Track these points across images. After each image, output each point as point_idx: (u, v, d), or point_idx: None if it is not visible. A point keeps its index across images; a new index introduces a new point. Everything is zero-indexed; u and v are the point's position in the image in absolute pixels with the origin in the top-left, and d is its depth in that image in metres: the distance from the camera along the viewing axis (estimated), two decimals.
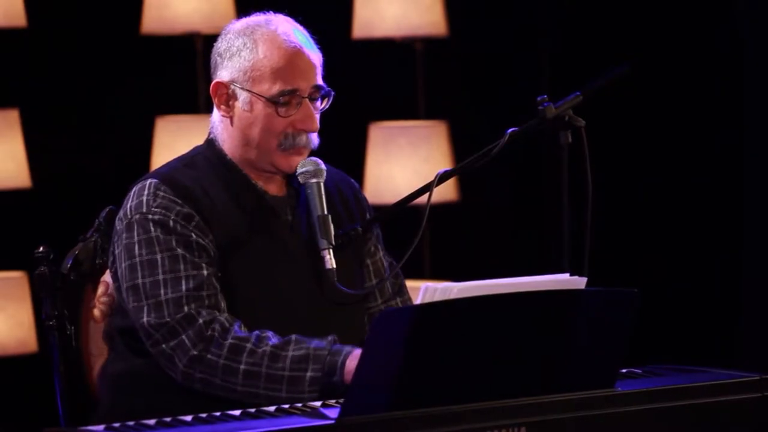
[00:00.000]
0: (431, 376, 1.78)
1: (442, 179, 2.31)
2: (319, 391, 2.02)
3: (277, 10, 2.30)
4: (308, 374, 2.03)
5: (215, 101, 2.24)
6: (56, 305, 2.33)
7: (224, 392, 2.06)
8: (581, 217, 2.39)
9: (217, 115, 2.25)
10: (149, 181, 2.20)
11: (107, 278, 2.32)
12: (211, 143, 2.26)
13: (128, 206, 2.19)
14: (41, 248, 2.32)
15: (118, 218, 2.21)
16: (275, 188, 2.26)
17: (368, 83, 4.36)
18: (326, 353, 2.03)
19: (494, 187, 4.60)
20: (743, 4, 4.23)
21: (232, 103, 2.22)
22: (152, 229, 2.14)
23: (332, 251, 2.20)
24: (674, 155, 4.38)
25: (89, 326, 2.37)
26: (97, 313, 2.33)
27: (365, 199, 2.42)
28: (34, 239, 2.48)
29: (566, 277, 1.93)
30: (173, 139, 3.98)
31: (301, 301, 2.21)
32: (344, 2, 4.22)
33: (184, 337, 2.07)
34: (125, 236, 2.17)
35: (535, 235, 4.63)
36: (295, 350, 2.05)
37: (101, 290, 2.33)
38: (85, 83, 4.31)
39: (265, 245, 2.21)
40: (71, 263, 2.34)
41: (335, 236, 2.22)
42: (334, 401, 1.92)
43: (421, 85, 4.33)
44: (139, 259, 2.14)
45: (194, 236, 2.14)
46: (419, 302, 1.79)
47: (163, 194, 2.17)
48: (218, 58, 2.24)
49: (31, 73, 4.29)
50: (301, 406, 1.91)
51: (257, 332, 2.08)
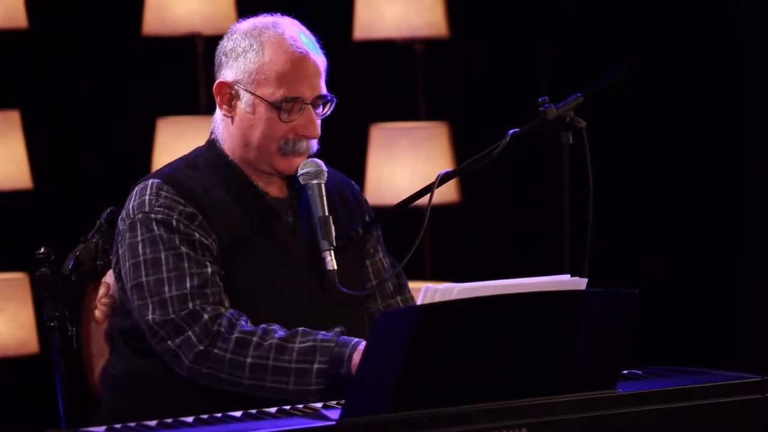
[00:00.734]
0: (432, 377, 1.78)
1: (443, 180, 2.31)
2: (326, 383, 2.02)
3: (279, 11, 2.30)
4: (315, 366, 2.02)
5: (217, 100, 2.24)
6: (57, 306, 2.33)
7: (231, 386, 2.07)
8: (582, 218, 2.39)
9: (219, 114, 2.25)
10: (151, 181, 2.20)
11: (108, 279, 2.32)
12: (212, 144, 2.26)
13: (131, 206, 2.19)
14: (42, 249, 2.33)
15: (120, 218, 2.21)
16: (276, 189, 2.26)
17: (369, 84, 4.36)
18: (333, 345, 2.03)
19: (495, 188, 4.60)
20: (743, 4, 4.23)
21: (234, 103, 2.22)
22: (155, 228, 2.15)
23: (333, 252, 2.20)
24: (674, 156, 4.38)
25: (90, 327, 2.38)
26: (98, 314, 2.33)
27: (366, 200, 2.42)
28: (35, 240, 2.48)
29: (567, 278, 1.93)
30: (174, 140, 3.98)
31: (302, 302, 2.21)
32: (345, 3, 4.22)
33: (189, 333, 2.07)
34: (129, 236, 2.17)
35: (535, 236, 4.63)
36: (301, 342, 2.05)
37: (102, 291, 2.33)
38: (86, 84, 4.32)
39: (265, 246, 2.21)
40: (72, 264, 2.34)
41: (336, 237, 2.22)
42: (335, 402, 1.92)
43: (421, 86, 4.33)
44: (143, 257, 2.14)
45: (197, 235, 2.14)
46: (420, 303, 1.79)
47: (165, 194, 2.17)
48: (223, 57, 2.24)
49: (32, 74, 4.29)
50: (302, 407, 1.91)
51: (263, 325, 2.08)
